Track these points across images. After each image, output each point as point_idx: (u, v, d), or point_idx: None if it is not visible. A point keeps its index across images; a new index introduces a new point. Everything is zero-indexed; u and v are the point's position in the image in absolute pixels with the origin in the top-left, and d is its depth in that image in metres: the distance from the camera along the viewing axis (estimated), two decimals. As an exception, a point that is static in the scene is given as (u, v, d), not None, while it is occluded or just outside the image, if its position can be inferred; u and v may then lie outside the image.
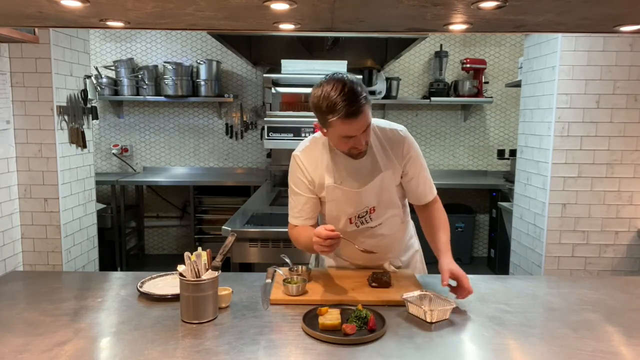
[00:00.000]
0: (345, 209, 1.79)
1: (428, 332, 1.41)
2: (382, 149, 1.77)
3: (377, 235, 1.85)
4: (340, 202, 1.78)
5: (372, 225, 1.83)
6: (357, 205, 1.79)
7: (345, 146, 1.66)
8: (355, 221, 1.82)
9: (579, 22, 1.45)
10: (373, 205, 1.80)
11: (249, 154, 5.45)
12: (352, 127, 1.58)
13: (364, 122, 1.59)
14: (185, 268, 1.49)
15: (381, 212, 1.82)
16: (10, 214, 3.07)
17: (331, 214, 1.82)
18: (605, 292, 1.78)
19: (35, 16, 1.42)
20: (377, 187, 1.77)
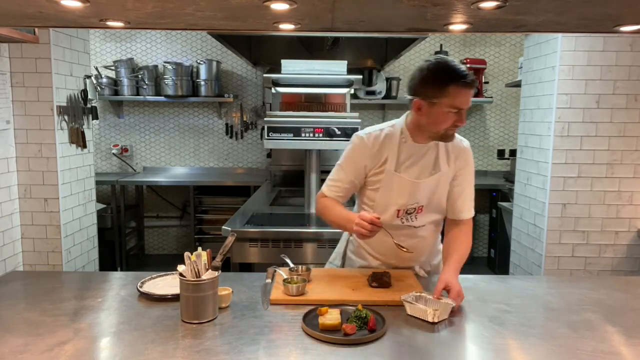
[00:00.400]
0: (398, 199, 1.80)
1: (428, 332, 1.41)
2: (446, 152, 1.82)
3: (416, 236, 1.86)
4: (394, 190, 1.79)
5: (415, 224, 1.85)
6: (410, 197, 1.79)
7: (449, 121, 1.66)
8: (402, 215, 1.83)
9: (579, 22, 1.45)
10: (423, 203, 1.82)
11: (249, 154, 5.45)
12: (467, 97, 1.64)
13: (470, 96, 1.66)
14: (185, 268, 1.49)
15: (427, 215, 1.85)
16: (10, 214, 3.07)
17: (382, 201, 1.82)
18: (605, 292, 1.78)
19: (35, 16, 1.42)
20: (433, 185, 1.80)
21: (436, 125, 1.70)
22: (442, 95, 1.62)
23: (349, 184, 1.84)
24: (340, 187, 1.85)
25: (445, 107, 1.64)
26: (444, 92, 1.62)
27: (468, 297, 1.70)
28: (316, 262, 2.59)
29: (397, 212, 1.82)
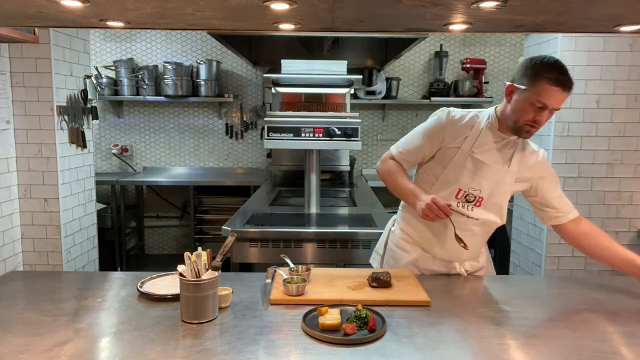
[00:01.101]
0: (463, 178, 1.81)
1: (428, 332, 1.41)
2: (522, 155, 1.84)
3: (467, 229, 1.85)
4: (462, 169, 1.80)
5: (470, 215, 1.84)
6: (474, 180, 1.80)
7: (529, 115, 1.68)
8: (460, 198, 1.83)
9: (579, 22, 1.45)
10: (484, 195, 1.82)
11: (249, 154, 5.45)
12: (554, 96, 1.64)
13: (563, 99, 1.66)
14: (185, 268, 1.49)
15: (484, 211, 1.84)
16: (10, 214, 3.07)
17: (446, 178, 1.83)
18: (605, 292, 1.78)
19: (35, 16, 1.42)
20: (499, 177, 1.81)
21: (516, 114, 1.72)
22: (532, 85, 1.65)
23: (420, 152, 1.87)
24: (411, 153, 1.89)
25: (531, 98, 1.67)
26: (535, 83, 1.65)
27: (468, 297, 1.70)
28: (316, 262, 2.59)
29: (458, 192, 1.82)
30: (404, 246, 1.98)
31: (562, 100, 1.67)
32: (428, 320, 1.49)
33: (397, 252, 2.00)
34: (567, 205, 1.87)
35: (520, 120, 1.72)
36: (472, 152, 1.80)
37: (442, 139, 1.83)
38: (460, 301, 1.66)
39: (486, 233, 1.94)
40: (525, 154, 1.85)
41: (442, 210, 1.67)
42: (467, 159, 1.80)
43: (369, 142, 5.35)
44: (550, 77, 1.62)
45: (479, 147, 1.81)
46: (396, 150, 1.93)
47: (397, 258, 1.99)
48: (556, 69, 1.63)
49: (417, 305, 1.60)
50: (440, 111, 1.88)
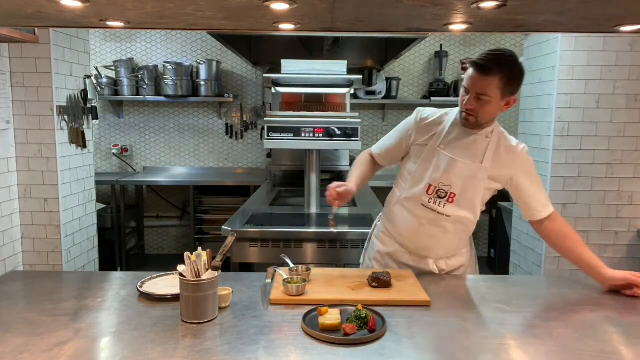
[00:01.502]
0: (432, 173, 1.84)
1: (428, 332, 1.41)
2: (497, 153, 1.82)
3: (439, 225, 1.88)
4: (431, 164, 1.84)
5: (442, 211, 1.85)
6: (444, 175, 1.83)
7: (461, 98, 1.76)
8: (432, 194, 1.85)
9: (579, 22, 1.45)
10: (456, 190, 1.83)
11: (249, 154, 5.45)
12: (472, 79, 1.69)
13: (483, 86, 1.67)
14: (185, 268, 1.49)
15: (457, 207, 1.85)
16: (10, 214, 3.07)
17: (417, 174, 1.88)
18: (605, 292, 1.78)
19: (35, 16, 1.42)
20: (469, 172, 1.82)
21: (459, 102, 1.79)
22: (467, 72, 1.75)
23: (395, 150, 1.98)
24: (387, 151, 2.01)
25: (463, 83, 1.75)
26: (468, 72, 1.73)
27: (468, 297, 1.70)
28: (316, 262, 2.59)
29: (429, 187, 1.85)
30: (382, 239, 2.04)
31: (481, 84, 1.67)
32: (428, 320, 1.49)
33: (376, 243, 2.06)
34: (542, 203, 1.85)
35: (460, 104, 1.79)
36: (440, 148, 1.84)
37: (411, 135, 1.91)
38: (460, 301, 1.66)
39: (462, 232, 1.94)
40: (501, 150, 1.83)
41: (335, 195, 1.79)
42: (436, 154, 1.84)
43: (369, 142, 5.34)
44: (472, 61, 1.71)
45: (448, 143, 1.84)
46: (375, 147, 2.05)
47: (376, 249, 2.05)
48: (484, 54, 1.68)
49: (417, 305, 1.60)
50: (415, 112, 1.96)
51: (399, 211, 1.95)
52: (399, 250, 1.98)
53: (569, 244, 1.83)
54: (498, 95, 1.68)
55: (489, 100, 1.68)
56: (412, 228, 1.91)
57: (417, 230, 1.90)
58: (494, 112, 1.75)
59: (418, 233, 1.90)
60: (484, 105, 1.70)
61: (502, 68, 1.65)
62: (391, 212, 2.00)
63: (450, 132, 1.84)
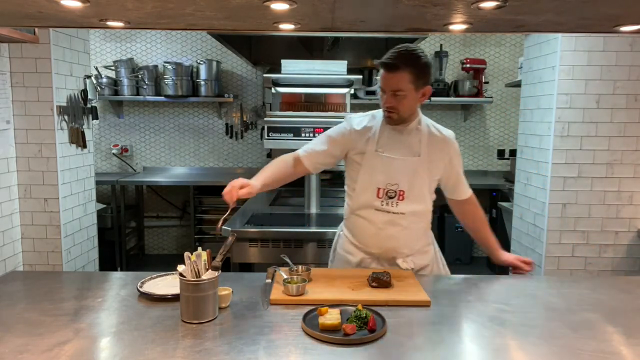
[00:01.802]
0: (378, 177, 1.88)
1: (428, 332, 1.41)
2: (430, 142, 1.90)
3: (397, 224, 1.90)
4: (375, 169, 1.88)
5: (396, 211, 1.89)
6: (389, 176, 1.87)
7: (381, 99, 1.83)
8: (382, 197, 1.89)
9: (579, 22, 1.45)
10: (404, 188, 1.87)
11: (249, 154, 5.45)
12: (384, 79, 1.77)
13: (395, 82, 1.74)
14: (185, 268, 1.49)
15: (408, 203, 1.89)
16: (10, 214, 3.07)
17: (363, 180, 1.91)
18: (605, 292, 1.78)
19: (35, 16, 1.42)
20: (411, 167, 1.87)
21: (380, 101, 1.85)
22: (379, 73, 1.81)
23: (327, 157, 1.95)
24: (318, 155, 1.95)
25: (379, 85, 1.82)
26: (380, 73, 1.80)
27: (468, 297, 1.70)
28: (316, 262, 2.59)
29: (378, 191, 1.89)
30: (349, 249, 2.02)
31: (393, 81, 1.75)
32: (428, 320, 1.49)
33: (344, 255, 2.03)
34: (467, 184, 2.04)
35: (381, 102, 1.84)
36: (378, 151, 1.88)
37: (347, 147, 1.93)
38: (460, 301, 1.66)
39: (420, 224, 1.97)
40: (433, 139, 1.92)
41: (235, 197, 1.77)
42: (376, 158, 1.88)
43: (369, 142, 5.34)
44: (380, 61, 1.76)
45: (384, 145, 1.88)
46: (302, 151, 1.97)
47: (345, 261, 2.02)
48: (391, 53, 1.75)
49: (417, 305, 1.60)
50: (344, 121, 1.97)
51: (355, 221, 1.97)
52: (366, 258, 1.98)
53: (478, 224, 2.06)
54: (412, 88, 1.77)
55: (405, 94, 1.76)
56: (372, 234, 1.92)
57: (377, 235, 1.91)
58: (412, 105, 1.83)
59: (378, 237, 1.91)
60: (401, 100, 1.78)
61: (409, 63, 1.74)
62: (349, 223, 2.01)
63: (382, 134, 1.89)
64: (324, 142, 1.95)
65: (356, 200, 1.94)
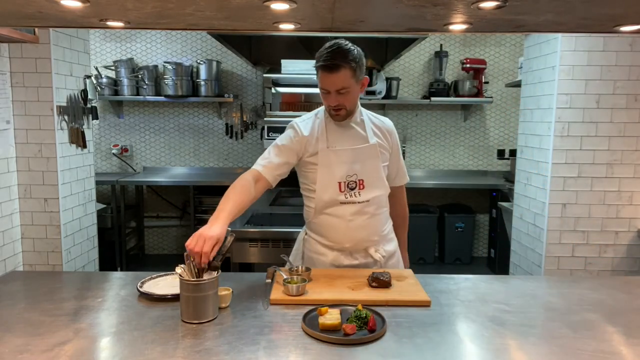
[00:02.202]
0: (337, 171, 1.91)
1: (428, 332, 1.41)
2: (375, 129, 1.98)
3: (364, 213, 1.95)
4: (332, 165, 1.92)
5: (360, 200, 1.94)
6: (347, 168, 1.92)
7: (324, 100, 1.87)
8: (345, 190, 1.93)
9: (579, 22, 1.45)
10: (362, 177, 1.93)
11: (249, 154, 5.45)
12: (326, 81, 1.79)
13: (339, 81, 1.78)
14: (185, 268, 1.49)
15: (369, 190, 1.95)
16: (10, 214, 3.07)
17: (323, 179, 1.93)
18: (605, 292, 1.78)
19: (35, 16, 1.42)
20: (365, 154, 1.93)
21: (322, 99, 1.89)
22: (316, 74, 1.84)
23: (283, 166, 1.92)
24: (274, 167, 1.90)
25: (319, 86, 1.85)
26: (316, 73, 1.83)
27: (468, 297, 1.70)
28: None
29: (339, 185, 1.92)
30: (319, 250, 2.01)
31: (337, 81, 1.78)
32: (428, 320, 1.49)
33: (315, 257, 2.02)
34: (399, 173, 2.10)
35: (325, 103, 1.89)
36: (330, 147, 1.92)
37: (300, 153, 1.94)
38: (460, 301, 1.66)
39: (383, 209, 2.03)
40: (376, 125, 2.00)
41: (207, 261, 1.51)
42: (330, 154, 1.92)
43: (369, 142, 5.34)
44: (318, 65, 1.79)
45: (334, 140, 1.93)
46: (259, 166, 1.89)
47: (317, 263, 2.01)
48: (322, 55, 1.78)
49: (417, 305, 1.60)
50: (289, 128, 1.98)
51: (323, 221, 1.97)
52: (339, 255, 1.98)
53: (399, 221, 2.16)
54: (354, 83, 1.82)
55: (349, 90, 1.81)
56: (342, 228, 1.94)
57: (347, 228, 1.94)
58: (356, 97, 1.90)
59: (349, 230, 1.94)
60: (346, 96, 1.82)
61: (347, 60, 1.77)
62: (316, 225, 2.00)
63: (330, 131, 1.94)
64: (278, 153, 1.91)
65: (319, 200, 1.94)
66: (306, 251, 2.06)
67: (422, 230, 5.01)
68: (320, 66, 1.78)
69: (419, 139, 5.39)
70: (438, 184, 4.99)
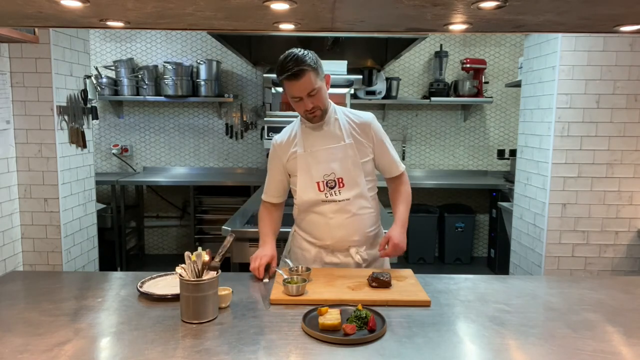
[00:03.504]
0: (314, 172, 1.97)
1: (428, 332, 1.41)
2: (350, 127, 1.99)
3: (345, 211, 1.98)
4: (309, 166, 1.97)
5: (340, 198, 1.97)
6: (324, 167, 1.96)
7: (298, 108, 1.92)
8: (324, 189, 1.97)
9: (579, 22, 1.45)
10: (340, 175, 1.96)
11: (249, 154, 5.45)
12: (295, 88, 1.84)
13: (307, 85, 1.83)
14: (185, 268, 1.49)
15: (349, 188, 1.97)
16: (10, 214, 3.07)
17: (302, 181, 1.99)
18: (605, 292, 1.78)
19: (35, 16, 1.42)
20: (340, 153, 1.96)
21: (295, 109, 1.95)
22: (282, 87, 1.90)
23: (278, 183, 2.09)
24: (273, 189, 2.11)
25: (287, 96, 1.92)
26: (283, 86, 1.89)
27: (468, 297, 1.70)
28: (316, 262, 2.58)
29: (318, 185, 1.97)
30: (303, 246, 2.09)
31: (305, 86, 1.83)
32: (428, 320, 1.49)
33: (299, 253, 2.09)
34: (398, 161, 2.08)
35: (300, 112, 1.95)
36: (307, 151, 1.98)
37: (281, 163, 2.04)
38: (460, 301, 1.66)
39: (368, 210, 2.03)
40: (353, 124, 2.00)
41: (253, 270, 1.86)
42: (307, 157, 1.98)
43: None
44: (282, 76, 1.84)
45: (309, 144, 1.98)
46: (264, 195, 2.15)
47: (301, 259, 2.07)
48: (284, 66, 1.82)
49: (417, 305, 1.60)
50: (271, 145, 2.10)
51: (306, 218, 2.05)
52: (320, 251, 2.04)
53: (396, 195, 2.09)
54: (319, 82, 1.87)
55: (317, 90, 1.86)
56: (323, 224, 1.99)
57: (328, 225, 1.98)
58: (326, 96, 1.93)
59: (329, 227, 1.98)
60: (317, 97, 1.87)
61: (306, 64, 1.82)
62: (301, 222, 2.09)
63: (305, 135, 2.00)
64: (270, 175, 2.10)
65: (301, 200, 2.02)
66: (292, 246, 2.14)
67: (422, 230, 5.01)
68: (285, 77, 1.83)
69: (419, 139, 5.38)
70: (438, 184, 4.99)
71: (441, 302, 1.64)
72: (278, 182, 2.09)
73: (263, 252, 1.93)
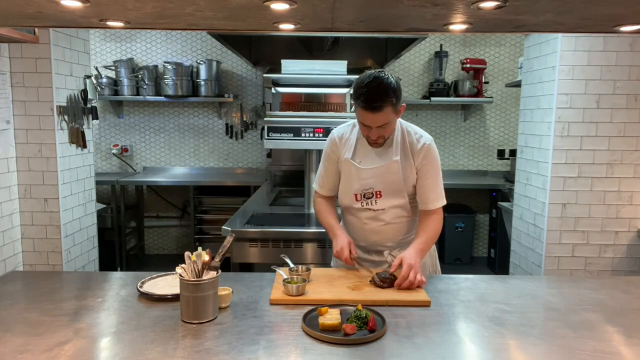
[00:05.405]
0: (352, 184, 1.98)
1: (428, 332, 1.41)
2: (403, 144, 1.95)
3: (379, 220, 1.99)
4: (349, 176, 1.98)
5: (375, 208, 1.97)
6: (361, 183, 1.96)
7: (363, 131, 1.88)
8: (361, 199, 1.98)
9: (579, 22, 1.45)
10: (379, 189, 1.95)
11: (249, 154, 5.45)
12: (368, 118, 1.79)
13: (381, 119, 1.77)
14: (185, 268, 1.49)
15: (387, 200, 1.96)
16: (10, 214, 3.07)
17: (343, 187, 2.02)
18: (605, 292, 1.78)
19: (35, 16, 1.42)
20: (383, 171, 1.93)
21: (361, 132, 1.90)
22: (355, 108, 1.83)
23: (332, 176, 2.06)
24: (326, 180, 2.08)
25: (358, 118, 1.85)
26: (355, 107, 1.82)
27: (468, 297, 1.70)
28: (316, 262, 2.59)
29: (355, 196, 1.99)
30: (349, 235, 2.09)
31: (379, 119, 1.77)
32: (428, 320, 1.49)
33: None
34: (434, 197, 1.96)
35: (363, 135, 1.90)
36: (349, 159, 1.96)
37: (335, 157, 2.02)
38: (460, 301, 1.66)
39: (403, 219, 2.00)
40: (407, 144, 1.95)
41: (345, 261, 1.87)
42: (350, 166, 1.97)
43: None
44: (358, 102, 1.77)
45: (360, 155, 1.97)
46: (316, 186, 2.13)
47: None
48: (363, 93, 1.74)
49: (417, 305, 1.60)
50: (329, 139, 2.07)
51: (346, 218, 2.09)
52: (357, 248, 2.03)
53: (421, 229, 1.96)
54: (394, 115, 1.81)
55: (389, 122, 1.82)
56: (359, 227, 2.03)
57: (362, 229, 2.02)
58: (394, 126, 1.90)
59: (363, 231, 2.02)
60: (387, 128, 1.84)
61: (388, 96, 1.74)
62: (343, 218, 2.14)
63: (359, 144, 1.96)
64: (325, 168, 2.08)
65: (341, 201, 2.06)
66: None
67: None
68: (363, 106, 1.76)
69: (419, 139, 5.38)
70: (438, 184, 4.98)
71: (441, 302, 1.64)
72: (333, 175, 2.06)
73: (342, 242, 1.91)
